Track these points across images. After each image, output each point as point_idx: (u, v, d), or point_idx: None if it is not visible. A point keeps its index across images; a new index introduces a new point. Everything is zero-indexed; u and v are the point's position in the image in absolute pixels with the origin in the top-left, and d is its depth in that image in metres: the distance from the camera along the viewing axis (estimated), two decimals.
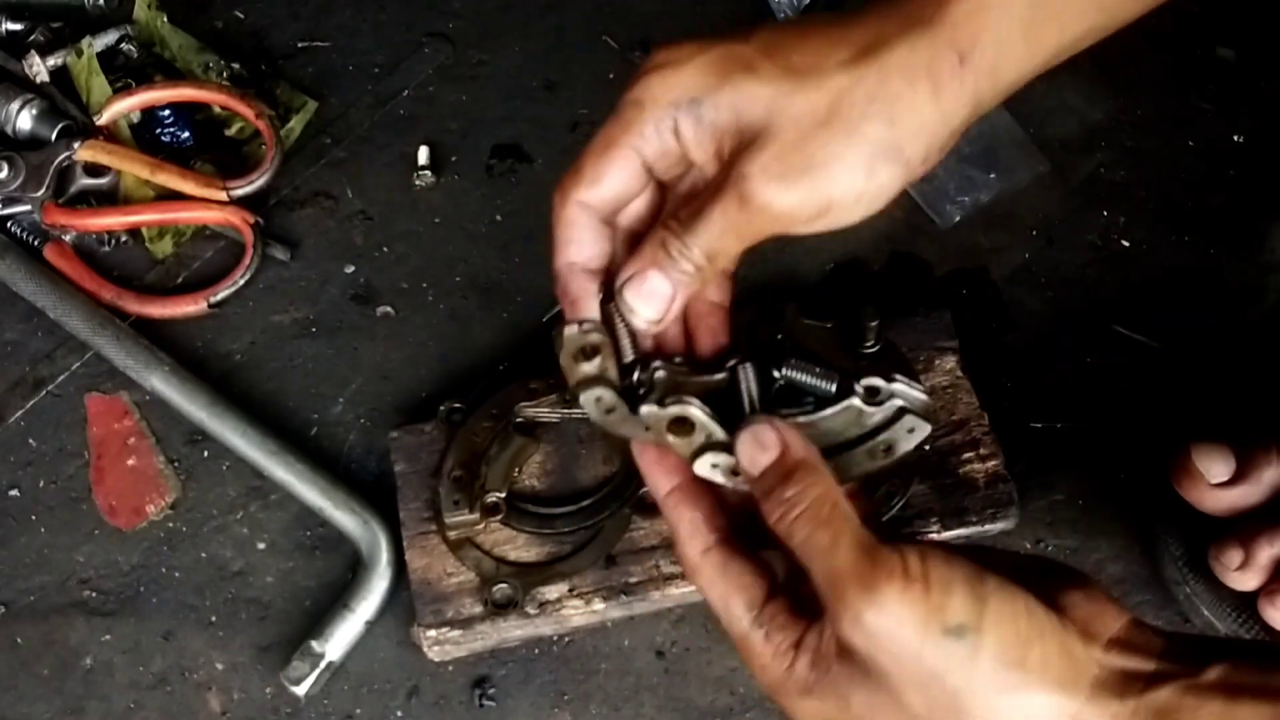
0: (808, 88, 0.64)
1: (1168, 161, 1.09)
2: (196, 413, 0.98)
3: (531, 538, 0.91)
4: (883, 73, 0.64)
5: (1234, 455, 0.82)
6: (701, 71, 0.66)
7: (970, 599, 0.57)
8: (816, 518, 0.62)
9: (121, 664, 0.92)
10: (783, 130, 0.64)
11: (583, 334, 0.68)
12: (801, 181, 0.64)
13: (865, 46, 0.65)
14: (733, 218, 0.65)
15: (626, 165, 0.68)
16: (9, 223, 1.06)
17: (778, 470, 0.64)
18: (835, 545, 0.60)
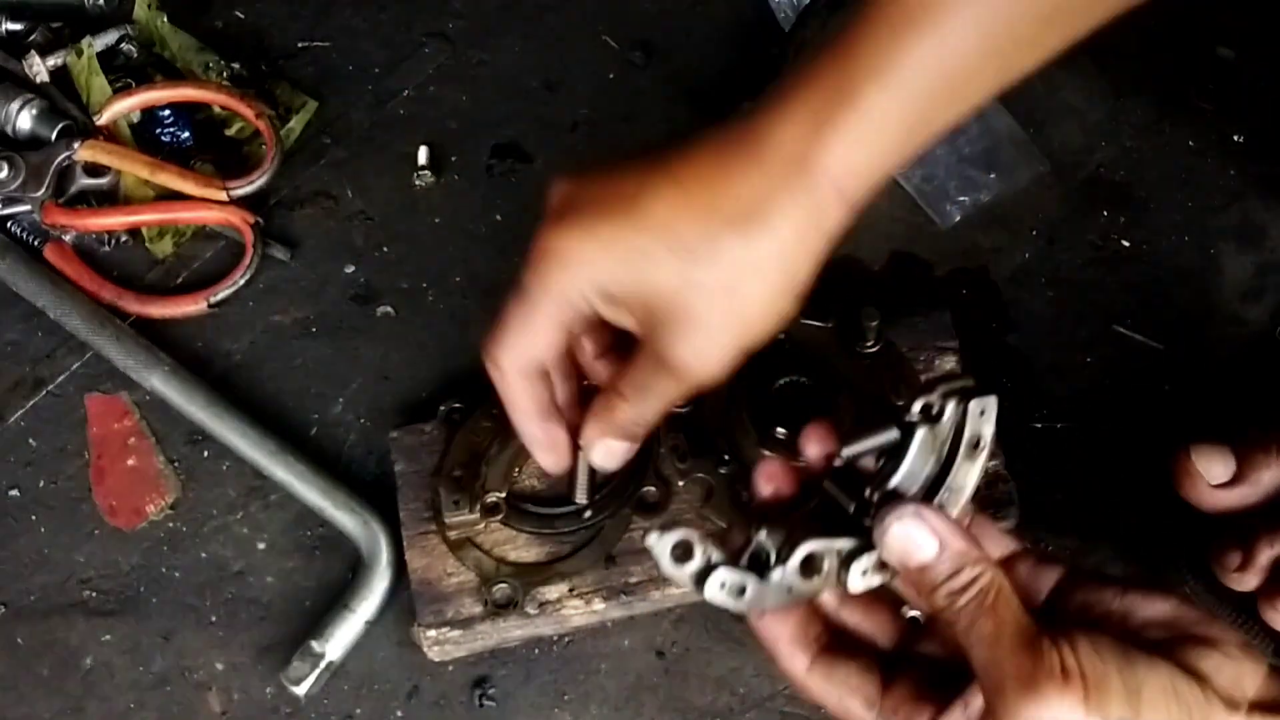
0: (708, 264, 0.69)
1: (1168, 161, 1.09)
2: (196, 413, 0.98)
3: (531, 538, 0.91)
4: (776, 238, 0.69)
5: (1234, 456, 0.82)
6: (601, 259, 0.71)
7: (1125, 692, 0.58)
8: (982, 605, 0.62)
9: (121, 664, 0.92)
10: (697, 310, 0.70)
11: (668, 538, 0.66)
12: (725, 345, 0.71)
13: (752, 213, 0.69)
14: (673, 389, 0.73)
15: (547, 333, 0.75)
16: (9, 223, 1.06)
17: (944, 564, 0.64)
18: (999, 636, 0.61)
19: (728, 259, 0.69)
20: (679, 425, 0.93)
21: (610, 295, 0.72)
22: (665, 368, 0.72)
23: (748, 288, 0.70)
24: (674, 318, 0.70)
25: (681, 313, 0.70)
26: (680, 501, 0.91)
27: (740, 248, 0.69)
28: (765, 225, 0.68)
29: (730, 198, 0.69)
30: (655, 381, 0.74)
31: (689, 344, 0.71)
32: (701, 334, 0.70)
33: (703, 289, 0.69)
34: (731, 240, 0.69)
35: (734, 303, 0.70)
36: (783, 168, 0.68)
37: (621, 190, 0.72)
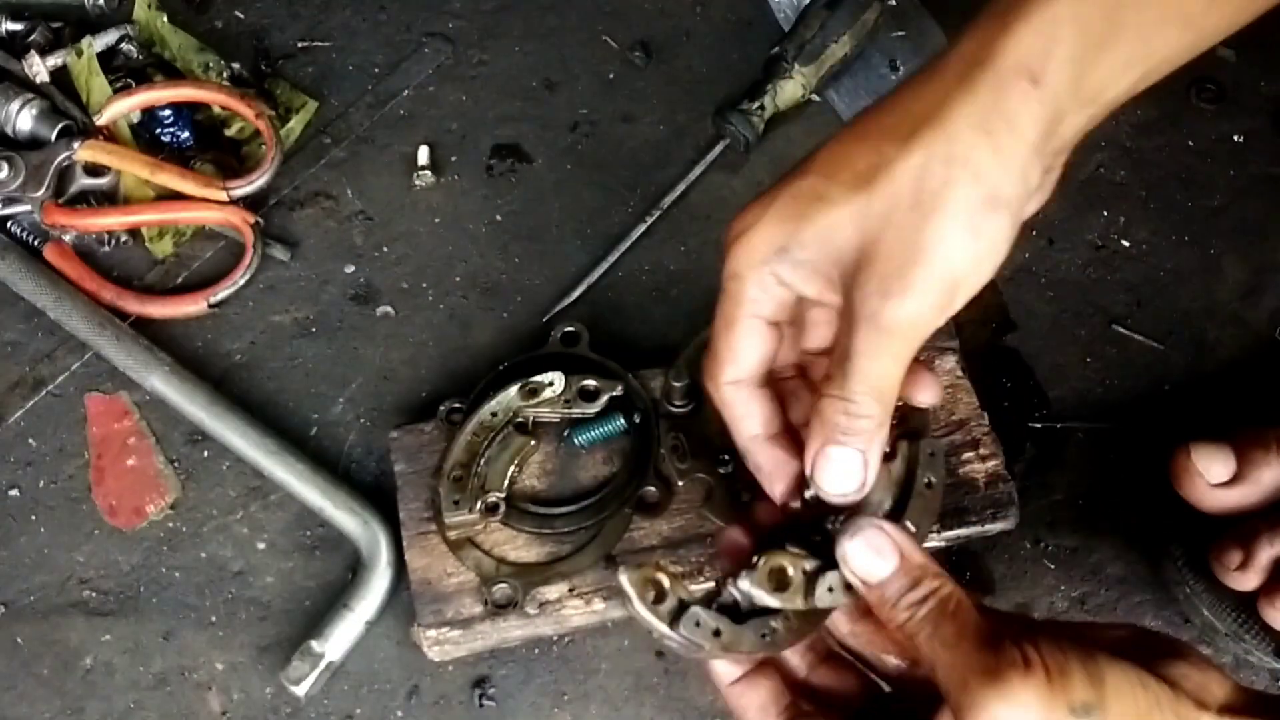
0: (881, 188, 0.62)
1: (1168, 161, 1.09)
2: (196, 413, 0.98)
3: (531, 538, 0.91)
4: (949, 134, 0.61)
5: (1234, 455, 0.82)
6: (777, 222, 0.65)
7: (1088, 678, 0.59)
8: (943, 613, 0.63)
9: (121, 664, 0.92)
10: (878, 241, 0.62)
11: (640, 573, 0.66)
12: (918, 283, 0.62)
13: (925, 116, 0.62)
14: (877, 350, 0.63)
15: (753, 333, 0.69)
16: (9, 223, 1.06)
17: (902, 577, 0.65)
18: (960, 637, 0.62)
19: (904, 177, 0.61)
20: (679, 425, 0.93)
21: (794, 258, 0.65)
22: (862, 321, 0.62)
23: (932, 206, 0.61)
24: (860, 260, 0.62)
25: (866, 252, 0.62)
26: (680, 501, 0.91)
27: (916, 159, 0.61)
28: (939, 130, 0.61)
29: (902, 115, 0.62)
30: (857, 343, 0.63)
31: (877, 285, 0.62)
32: (889, 270, 0.62)
33: (883, 218, 0.61)
34: (904, 155, 0.61)
35: (919, 227, 0.61)
36: (959, 70, 0.62)
37: (799, 164, 0.66)
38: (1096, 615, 0.92)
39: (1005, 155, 0.62)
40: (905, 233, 0.62)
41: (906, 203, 0.62)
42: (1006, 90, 0.61)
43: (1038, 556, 0.94)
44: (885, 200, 0.62)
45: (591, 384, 0.93)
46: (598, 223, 1.08)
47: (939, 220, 0.61)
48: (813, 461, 0.66)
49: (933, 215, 0.61)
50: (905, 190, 0.62)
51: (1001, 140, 0.61)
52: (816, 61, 1.08)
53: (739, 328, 0.68)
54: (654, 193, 1.08)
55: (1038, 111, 0.62)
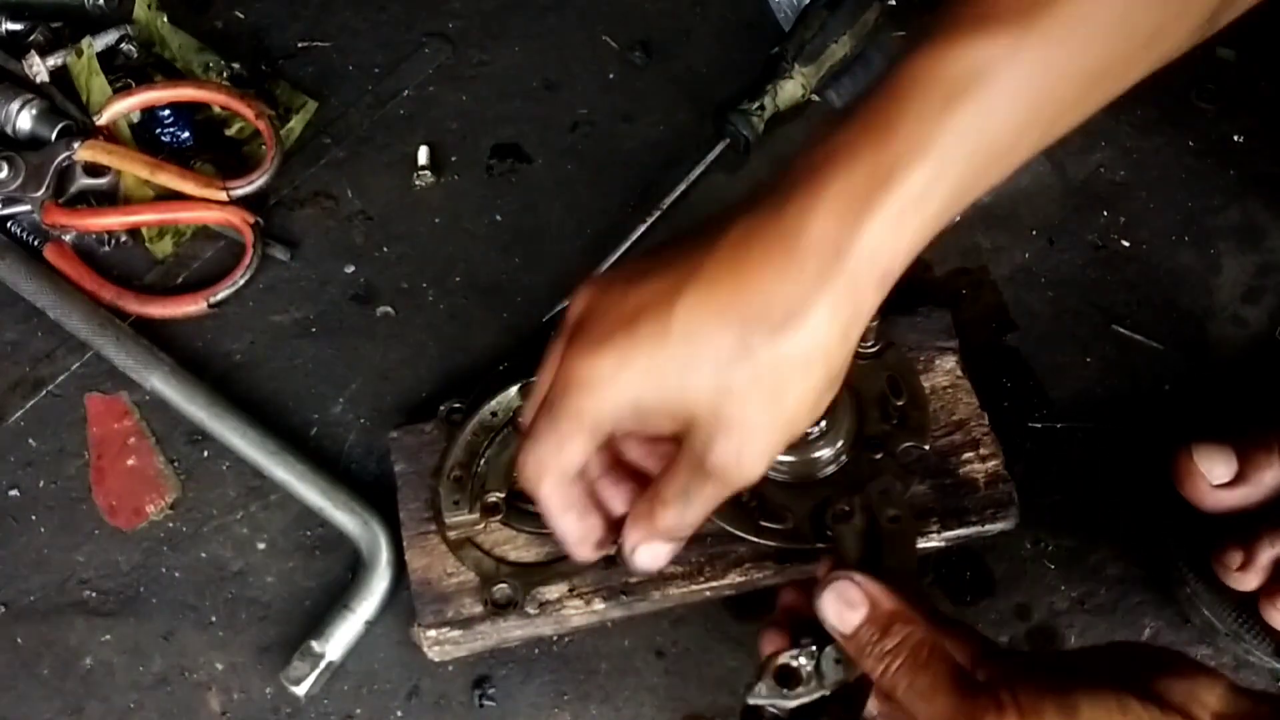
0: (744, 374, 0.66)
1: (1168, 161, 1.09)
2: (196, 413, 0.98)
3: (531, 538, 0.91)
4: (812, 333, 0.66)
5: (1235, 456, 0.82)
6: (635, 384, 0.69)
7: (1060, 713, 0.60)
8: (916, 663, 0.65)
9: (121, 664, 0.92)
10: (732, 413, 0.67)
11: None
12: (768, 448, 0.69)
13: (789, 314, 0.66)
14: (717, 493, 0.71)
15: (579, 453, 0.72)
16: (9, 223, 1.06)
17: (871, 625, 0.67)
18: (935, 689, 0.64)
19: (767, 364, 0.66)
20: None
21: (645, 411, 0.70)
22: (706, 473, 0.70)
23: (789, 389, 0.67)
24: (713, 425, 0.68)
25: (722, 420, 0.68)
26: None
27: (779, 350, 0.66)
28: (804, 325, 0.66)
29: (765, 300, 0.66)
30: (697, 486, 0.71)
31: (730, 449, 0.68)
32: (742, 439, 0.68)
33: (742, 396, 0.67)
34: (770, 345, 0.66)
35: (775, 405, 0.68)
36: (819, 262, 0.65)
37: (648, 301, 0.69)
38: (1096, 615, 0.92)
39: (851, 346, 0.68)
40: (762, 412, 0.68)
41: (767, 387, 0.67)
42: (861, 288, 0.66)
43: (1038, 556, 0.94)
44: (747, 383, 0.67)
45: None
46: (598, 223, 1.08)
47: (793, 404, 0.68)
48: (633, 549, 0.74)
49: (788, 399, 0.68)
50: (767, 378, 0.67)
51: (852, 335, 0.67)
52: (816, 61, 1.08)
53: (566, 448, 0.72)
54: (654, 193, 1.08)
55: (879, 299, 0.67)
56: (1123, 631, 0.91)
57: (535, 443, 0.73)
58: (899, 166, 0.64)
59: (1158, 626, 0.91)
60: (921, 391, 0.94)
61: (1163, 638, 0.91)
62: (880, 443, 0.90)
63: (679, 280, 0.68)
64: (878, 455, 0.90)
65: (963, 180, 0.66)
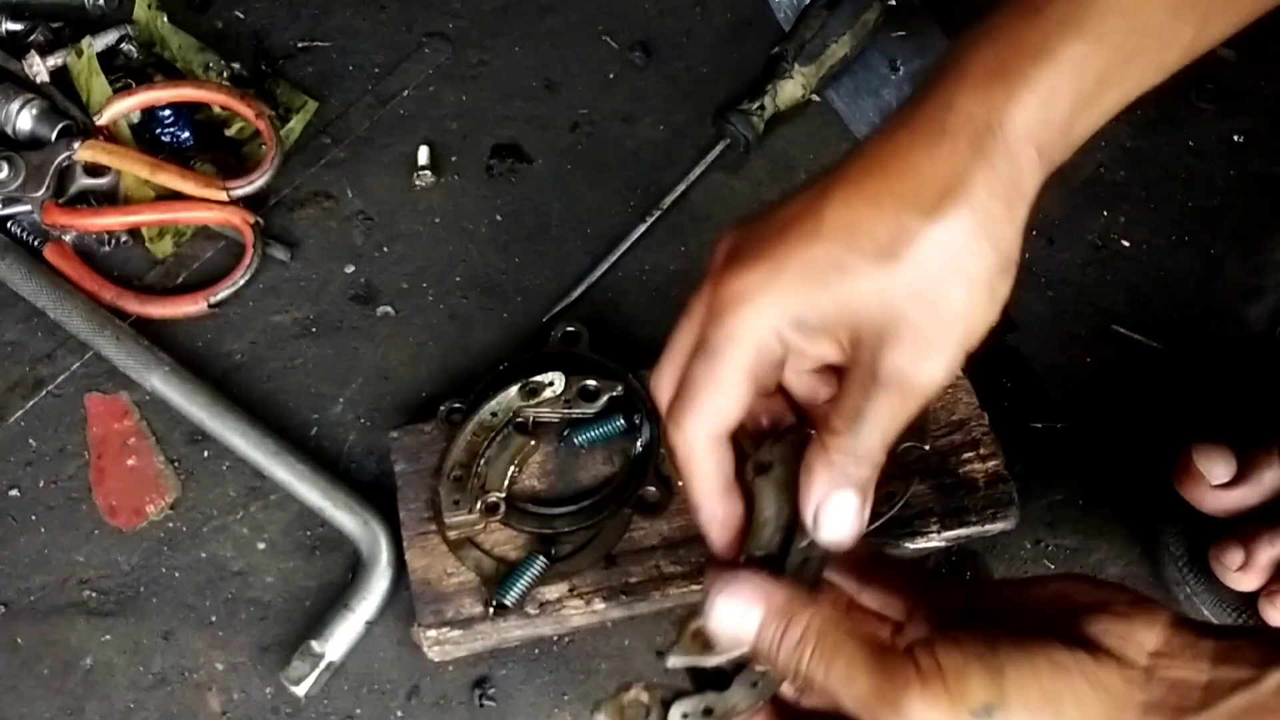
0: (908, 260, 0.62)
1: (1168, 161, 1.09)
2: (196, 413, 0.98)
3: (531, 538, 0.91)
4: (973, 208, 0.62)
5: (1235, 456, 0.82)
6: (792, 289, 0.64)
7: (986, 675, 0.57)
8: (825, 649, 0.61)
9: (121, 664, 0.92)
10: (906, 311, 0.62)
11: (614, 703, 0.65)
12: (945, 350, 0.63)
13: (946, 189, 0.62)
14: (894, 410, 0.64)
15: (740, 389, 0.66)
16: (9, 223, 1.06)
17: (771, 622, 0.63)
18: (852, 672, 0.60)
19: (930, 249, 0.62)
20: None
21: (808, 325, 0.64)
22: (884, 385, 0.63)
23: (959, 277, 0.62)
24: (884, 328, 0.63)
25: (893, 321, 0.62)
26: (681, 501, 0.91)
27: (941, 234, 0.62)
28: (964, 203, 0.62)
29: (919, 182, 0.62)
30: (876, 404, 0.64)
31: (904, 351, 0.62)
32: (916, 336, 0.62)
33: (911, 290, 0.62)
34: (930, 229, 0.62)
35: (947, 297, 0.62)
36: (970, 136, 0.62)
37: (797, 210, 0.65)
38: None
39: (1018, 223, 0.63)
40: (934, 304, 0.62)
41: (934, 275, 0.62)
42: (1018, 161, 0.63)
43: (1038, 556, 0.94)
44: (912, 272, 0.62)
45: (591, 384, 0.93)
46: (598, 223, 1.08)
47: (966, 292, 0.63)
48: (816, 508, 0.65)
49: (960, 284, 0.62)
50: (933, 264, 0.62)
51: (1016, 211, 0.63)
52: (816, 61, 1.08)
53: (727, 387, 0.66)
54: (654, 193, 1.08)
55: (1039, 178, 0.64)
56: None
57: (689, 384, 0.66)
58: (1049, 40, 0.62)
59: None
60: None
61: None
62: None
63: (827, 184, 0.64)
64: None
65: (1116, 61, 0.63)
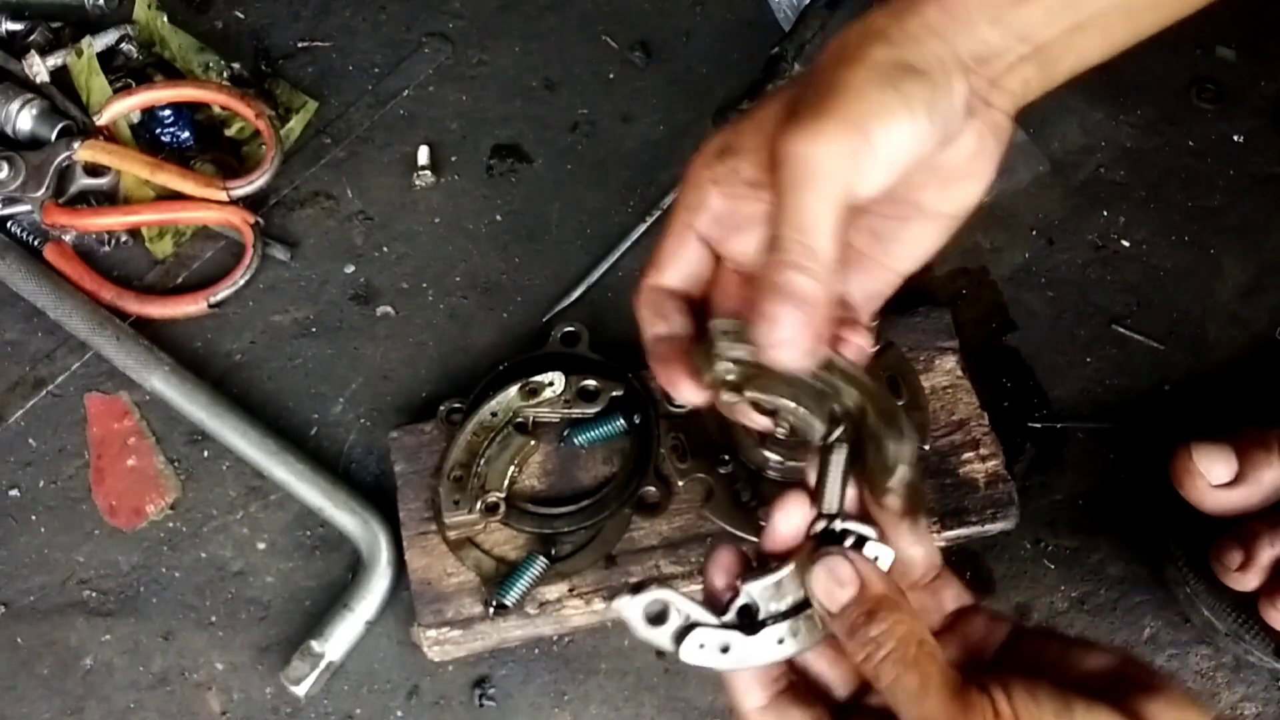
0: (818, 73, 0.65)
1: (1168, 161, 1.09)
2: (196, 413, 0.98)
3: (531, 538, 0.91)
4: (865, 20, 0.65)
5: (1235, 456, 0.82)
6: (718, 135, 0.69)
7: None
8: (904, 659, 0.60)
9: (121, 664, 0.92)
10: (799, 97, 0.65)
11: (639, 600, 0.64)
12: (830, 114, 0.62)
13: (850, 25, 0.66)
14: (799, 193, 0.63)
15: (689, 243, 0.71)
16: (9, 223, 1.06)
17: (859, 607, 0.63)
18: (925, 690, 0.59)
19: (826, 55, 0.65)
20: (679, 425, 0.93)
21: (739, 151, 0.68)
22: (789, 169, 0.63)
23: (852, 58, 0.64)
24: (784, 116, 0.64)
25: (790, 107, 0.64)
26: (680, 501, 0.91)
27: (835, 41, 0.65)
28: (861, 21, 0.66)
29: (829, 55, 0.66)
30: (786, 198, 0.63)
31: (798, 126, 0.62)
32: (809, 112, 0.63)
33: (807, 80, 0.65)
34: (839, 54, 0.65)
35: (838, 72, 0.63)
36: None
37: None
38: (1096, 615, 0.92)
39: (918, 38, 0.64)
40: (820, 82, 0.64)
41: (826, 66, 0.65)
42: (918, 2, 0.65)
43: (1038, 556, 0.94)
44: (809, 72, 0.66)
45: (591, 384, 0.93)
46: (598, 223, 1.08)
47: (853, 67, 0.63)
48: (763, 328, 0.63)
49: (848, 65, 0.64)
50: (827, 57, 0.65)
51: (910, 26, 0.64)
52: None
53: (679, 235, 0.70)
54: (654, 193, 1.08)
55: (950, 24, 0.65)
56: (1123, 632, 0.91)
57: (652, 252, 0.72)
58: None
59: (1157, 626, 0.91)
60: (921, 391, 0.94)
61: (1163, 638, 0.91)
62: None
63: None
64: None
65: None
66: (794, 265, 0.63)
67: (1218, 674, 0.90)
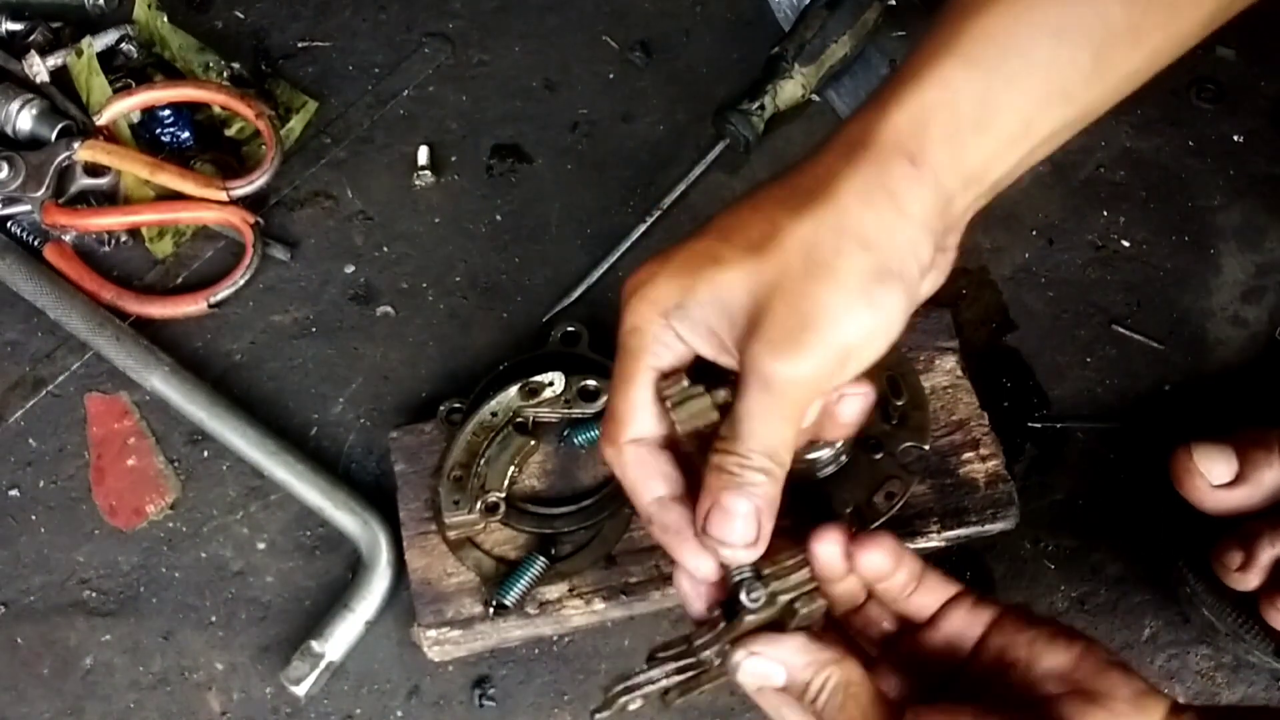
0: (772, 254, 0.64)
1: (1168, 161, 1.09)
2: (196, 413, 0.98)
3: (531, 538, 0.91)
4: (838, 207, 0.64)
5: (1235, 456, 0.82)
6: (674, 277, 0.67)
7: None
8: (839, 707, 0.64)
9: (121, 664, 0.92)
10: (769, 305, 0.64)
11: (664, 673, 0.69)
12: (810, 345, 0.63)
13: (814, 190, 0.65)
14: (766, 411, 0.64)
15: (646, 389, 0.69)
16: (9, 223, 1.06)
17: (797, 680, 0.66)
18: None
19: (794, 244, 0.64)
20: None
21: (694, 319, 0.66)
22: (752, 382, 0.64)
23: (823, 273, 0.63)
24: (757, 325, 0.64)
25: (759, 312, 0.64)
26: None
27: (804, 229, 0.64)
28: (828, 203, 0.64)
29: (794, 189, 0.66)
30: (748, 402, 0.65)
31: (767, 346, 0.63)
32: (779, 331, 0.63)
33: (774, 282, 0.64)
34: (793, 224, 0.64)
35: (809, 291, 0.63)
36: (844, 149, 0.65)
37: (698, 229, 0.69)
38: (1096, 615, 0.92)
39: (892, 229, 0.64)
40: (796, 298, 0.64)
41: (798, 269, 0.64)
42: (888, 167, 0.64)
43: (1038, 556, 0.94)
44: (776, 266, 0.64)
45: (591, 384, 0.93)
46: (598, 223, 1.08)
47: (830, 287, 0.63)
48: (706, 513, 0.66)
49: (824, 281, 0.63)
50: (796, 257, 0.64)
51: (885, 214, 0.64)
52: (816, 61, 1.08)
53: (639, 382, 0.68)
54: (654, 193, 1.08)
55: (919, 190, 0.65)
56: (1123, 632, 0.91)
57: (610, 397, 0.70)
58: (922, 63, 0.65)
59: (1157, 626, 0.91)
60: (921, 391, 0.94)
61: (1163, 638, 0.91)
62: (880, 443, 0.90)
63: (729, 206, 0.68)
64: (877, 455, 0.90)
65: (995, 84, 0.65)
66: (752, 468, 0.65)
67: (1218, 674, 0.90)
